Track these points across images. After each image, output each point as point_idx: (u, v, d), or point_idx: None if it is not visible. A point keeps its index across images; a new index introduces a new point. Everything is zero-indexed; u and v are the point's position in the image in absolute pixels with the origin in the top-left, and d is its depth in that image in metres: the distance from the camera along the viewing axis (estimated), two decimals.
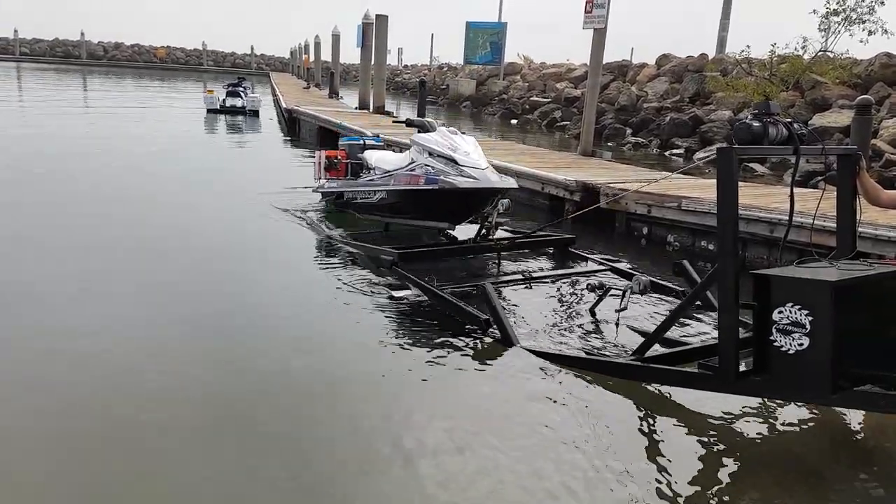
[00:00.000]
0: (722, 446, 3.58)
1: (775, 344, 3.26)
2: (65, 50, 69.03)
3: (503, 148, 13.30)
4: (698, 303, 5.08)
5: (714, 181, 3.52)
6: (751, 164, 13.92)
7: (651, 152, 18.00)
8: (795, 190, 3.90)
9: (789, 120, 3.88)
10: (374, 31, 20.87)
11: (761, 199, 7.27)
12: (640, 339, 4.38)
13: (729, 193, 3.44)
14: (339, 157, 8.30)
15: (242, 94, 23.19)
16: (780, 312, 3.23)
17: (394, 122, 9.37)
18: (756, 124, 3.72)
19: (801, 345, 3.18)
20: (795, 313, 3.19)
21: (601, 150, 13.60)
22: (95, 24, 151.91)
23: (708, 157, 13.88)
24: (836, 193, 4.16)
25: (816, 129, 15.28)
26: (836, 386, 3.17)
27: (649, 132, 19.66)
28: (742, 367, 3.51)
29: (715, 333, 4.12)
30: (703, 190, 7.75)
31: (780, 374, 3.29)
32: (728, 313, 3.43)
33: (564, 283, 6.01)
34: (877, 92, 15.88)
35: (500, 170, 9.04)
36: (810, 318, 3.14)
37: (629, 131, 20.31)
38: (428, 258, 6.29)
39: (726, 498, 3.19)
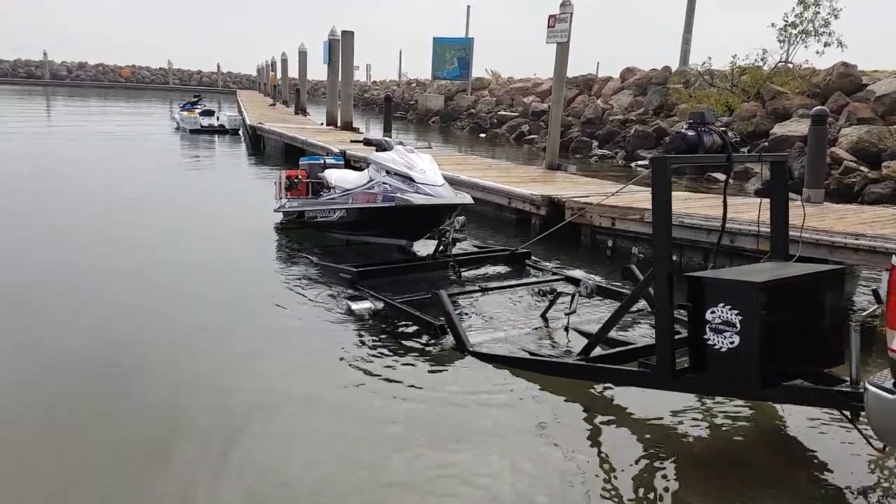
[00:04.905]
0: (663, 441, 3.70)
1: (709, 342, 3.39)
2: (27, 70, 68.16)
3: (470, 163, 13.40)
4: (647, 306, 5.22)
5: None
6: (713, 175, 14.18)
7: (616, 163, 18.27)
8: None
9: (723, 129, 4.04)
10: (340, 47, 20.95)
11: (718, 209, 7.37)
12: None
13: (662, 200, 3.58)
14: (300, 177, 8.37)
15: (217, 113, 23.44)
16: (712, 312, 3.37)
17: (352, 141, 9.47)
18: (691, 133, 3.88)
19: (732, 343, 3.31)
20: (726, 313, 3.32)
21: (566, 163, 13.76)
22: (59, 44, 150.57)
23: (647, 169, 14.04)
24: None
25: (778, 138, 15.61)
26: (766, 381, 3.30)
27: (615, 144, 19.95)
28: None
29: None
30: None
31: (714, 371, 3.42)
32: (663, 313, 3.57)
33: (519, 291, 6.13)
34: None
35: (467, 185, 9.18)
36: (740, 318, 3.27)
37: (595, 143, 20.59)
38: (386, 275, 6.35)
39: (665, 494, 3.30)
